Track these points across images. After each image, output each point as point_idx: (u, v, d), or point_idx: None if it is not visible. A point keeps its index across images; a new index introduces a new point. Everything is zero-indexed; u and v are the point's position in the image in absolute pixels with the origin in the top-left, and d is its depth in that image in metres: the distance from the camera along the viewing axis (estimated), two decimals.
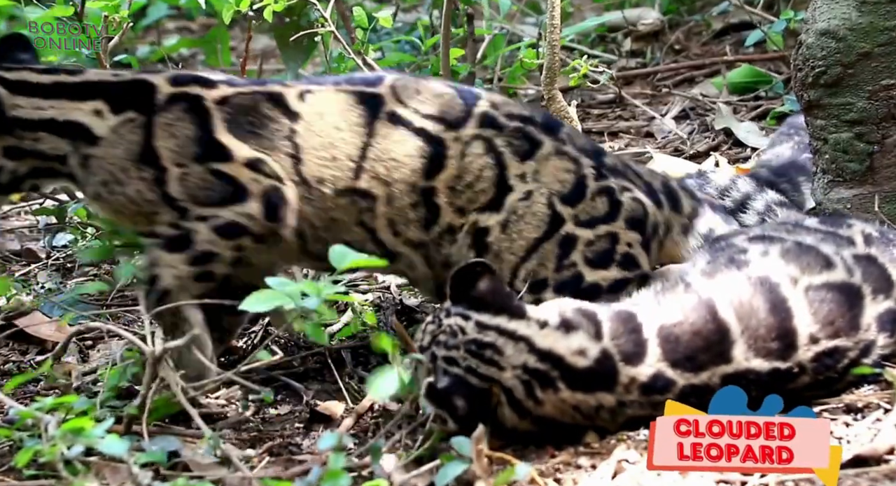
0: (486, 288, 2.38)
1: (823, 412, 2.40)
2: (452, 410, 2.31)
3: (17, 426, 2.43)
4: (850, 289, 2.44)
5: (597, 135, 4.33)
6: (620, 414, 2.34)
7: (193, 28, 6.81)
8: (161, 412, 2.53)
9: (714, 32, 5.04)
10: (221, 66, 5.72)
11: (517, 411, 2.33)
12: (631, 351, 2.34)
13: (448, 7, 3.22)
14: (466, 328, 2.35)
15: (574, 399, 2.33)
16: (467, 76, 4.48)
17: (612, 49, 5.09)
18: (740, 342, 2.34)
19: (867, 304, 2.44)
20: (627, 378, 2.33)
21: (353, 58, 3.38)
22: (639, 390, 2.32)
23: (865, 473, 2.14)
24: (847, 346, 2.40)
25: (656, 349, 2.33)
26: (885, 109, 3.02)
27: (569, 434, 2.34)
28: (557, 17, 3.20)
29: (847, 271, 2.47)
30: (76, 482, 2.20)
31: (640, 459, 2.25)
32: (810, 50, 3.08)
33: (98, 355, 3.11)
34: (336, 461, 2.08)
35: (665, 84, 4.68)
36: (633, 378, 2.33)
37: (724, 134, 4.07)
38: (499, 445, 2.33)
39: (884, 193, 3.06)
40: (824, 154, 3.12)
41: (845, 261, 2.50)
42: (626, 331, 2.35)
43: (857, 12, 3.01)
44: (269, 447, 2.50)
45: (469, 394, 2.32)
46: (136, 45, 6.18)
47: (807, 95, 3.11)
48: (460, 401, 2.31)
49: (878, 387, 2.48)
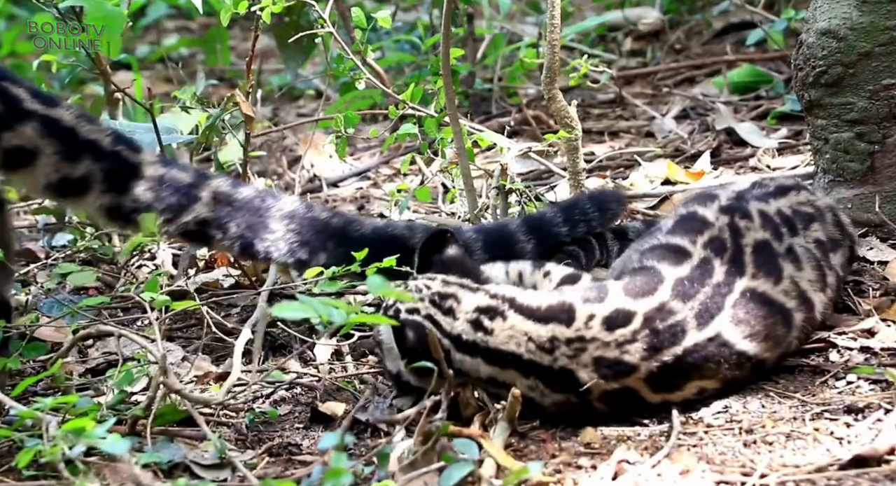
0: (452, 254, 2.48)
1: (824, 412, 2.40)
2: (402, 340, 2.41)
3: (17, 426, 2.42)
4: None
5: (597, 135, 4.33)
6: (583, 352, 2.35)
7: (193, 28, 6.80)
8: (167, 418, 2.52)
9: (715, 32, 5.04)
10: (221, 66, 5.72)
11: (468, 351, 2.39)
12: (593, 296, 2.42)
13: (448, 6, 3.21)
14: (432, 286, 2.46)
15: (525, 327, 2.37)
16: (467, 76, 4.48)
17: (613, 49, 5.09)
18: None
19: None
20: (586, 315, 2.37)
21: (352, 58, 3.37)
22: (600, 324, 2.36)
23: (866, 474, 2.14)
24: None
25: (618, 289, 2.42)
26: (886, 108, 3.02)
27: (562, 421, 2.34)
28: (557, 17, 3.19)
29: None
30: (77, 482, 2.20)
31: (641, 459, 2.25)
32: (811, 49, 3.07)
33: (97, 354, 3.10)
34: (338, 461, 2.07)
35: (665, 84, 4.68)
36: (592, 314, 2.37)
37: (725, 134, 4.07)
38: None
39: (885, 193, 3.06)
40: (825, 154, 3.12)
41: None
42: (593, 287, 2.51)
43: (857, 12, 3.00)
44: (268, 448, 2.50)
45: (421, 331, 2.40)
46: (135, 44, 6.18)
47: (807, 95, 3.11)
48: (411, 333, 2.41)
49: (878, 387, 2.48)
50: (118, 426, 2.46)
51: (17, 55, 5.85)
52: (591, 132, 4.31)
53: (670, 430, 2.36)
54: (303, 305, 2.08)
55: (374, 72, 3.61)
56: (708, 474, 2.18)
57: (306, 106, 5.16)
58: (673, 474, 2.18)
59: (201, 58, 6.02)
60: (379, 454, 2.23)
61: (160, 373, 2.46)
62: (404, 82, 4.05)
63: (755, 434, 2.34)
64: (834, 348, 2.65)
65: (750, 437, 2.33)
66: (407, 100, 3.38)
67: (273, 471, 2.39)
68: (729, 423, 2.40)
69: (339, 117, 3.44)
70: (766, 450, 2.28)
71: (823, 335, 2.70)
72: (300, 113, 5.05)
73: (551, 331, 2.38)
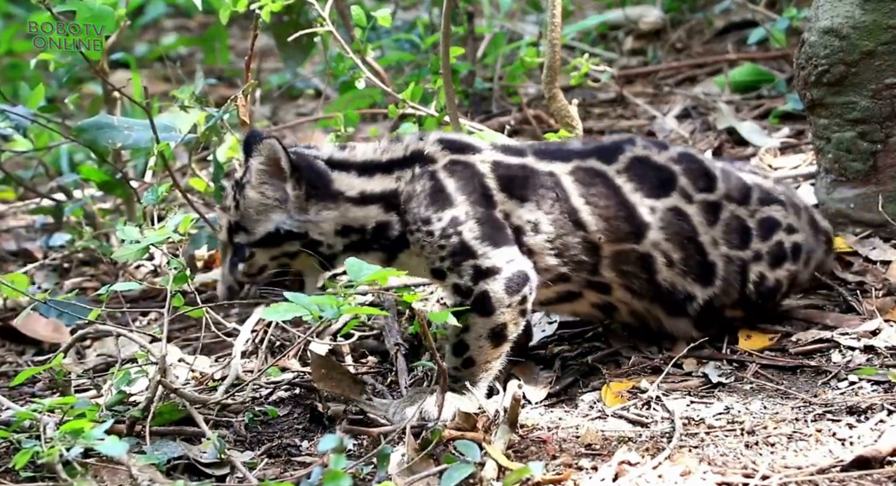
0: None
1: (827, 413, 2.39)
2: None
3: (15, 428, 2.41)
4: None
5: (598, 134, 4.31)
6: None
7: (191, 26, 6.79)
8: (166, 417, 2.51)
9: (716, 31, 5.02)
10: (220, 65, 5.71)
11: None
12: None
13: (448, 5, 3.19)
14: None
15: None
16: (467, 75, 4.46)
17: (614, 47, 5.07)
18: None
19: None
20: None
21: (351, 57, 3.36)
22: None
23: (868, 475, 2.13)
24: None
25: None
26: (889, 107, 3.01)
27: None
28: (558, 16, 3.18)
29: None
30: (75, 483, 2.19)
31: (642, 460, 2.24)
32: (813, 48, 3.06)
33: (95, 354, 3.09)
34: (337, 462, 2.06)
35: (667, 83, 4.67)
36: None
37: (727, 133, 4.06)
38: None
39: (887, 193, 3.04)
40: (827, 153, 3.11)
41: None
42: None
43: (860, 10, 2.99)
44: (268, 449, 2.49)
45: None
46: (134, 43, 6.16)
47: (810, 94, 3.09)
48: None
49: (881, 388, 2.47)
50: (117, 425, 2.45)
51: (15, 54, 5.84)
52: (592, 131, 4.29)
53: (672, 431, 2.36)
54: (292, 304, 2.07)
55: (373, 71, 3.60)
56: (709, 475, 2.17)
57: (305, 105, 5.15)
58: (674, 475, 2.17)
59: (200, 57, 6.01)
60: (379, 455, 2.21)
61: (158, 373, 2.45)
62: (404, 81, 4.03)
63: (757, 435, 2.33)
64: (836, 348, 2.64)
65: (752, 438, 2.32)
66: (407, 99, 3.37)
67: (272, 472, 2.38)
68: (731, 424, 2.39)
69: (339, 116, 3.44)
70: (768, 451, 2.27)
71: (826, 336, 2.69)
72: (299, 112, 5.04)
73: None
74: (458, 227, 2.54)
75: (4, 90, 3.54)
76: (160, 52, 5.64)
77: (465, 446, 2.21)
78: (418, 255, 2.58)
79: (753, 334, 2.74)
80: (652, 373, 2.64)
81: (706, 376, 2.60)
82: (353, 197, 2.59)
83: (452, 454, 2.24)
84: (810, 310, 2.82)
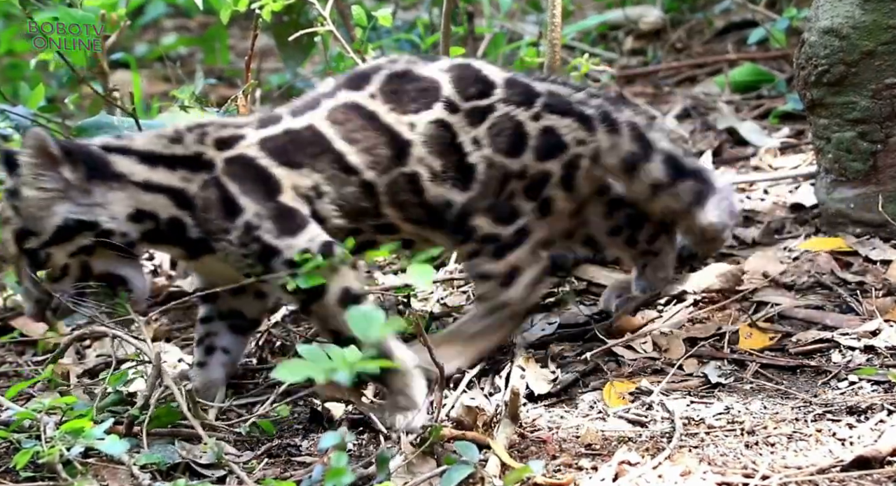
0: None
1: (827, 413, 2.39)
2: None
3: (15, 428, 2.41)
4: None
5: None
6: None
7: (191, 26, 6.78)
8: (164, 419, 2.51)
9: (716, 30, 5.02)
10: (220, 65, 5.71)
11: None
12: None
13: (448, 5, 3.20)
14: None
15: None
16: None
17: (614, 47, 5.07)
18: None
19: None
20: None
21: (352, 57, 3.36)
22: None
23: (869, 475, 2.13)
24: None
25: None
26: (889, 107, 3.01)
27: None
28: (558, 16, 3.18)
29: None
30: (75, 483, 2.19)
31: (642, 460, 2.24)
32: (813, 48, 3.06)
33: (94, 355, 3.09)
34: (339, 460, 2.05)
35: (666, 83, 4.67)
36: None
37: (727, 133, 4.06)
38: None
39: (887, 193, 3.04)
40: (827, 153, 3.11)
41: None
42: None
43: (860, 10, 2.99)
44: (267, 449, 2.49)
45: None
46: (134, 43, 6.16)
47: (810, 94, 3.09)
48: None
49: (881, 388, 2.47)
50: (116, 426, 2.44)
51: (15, 54, 5.83)
52: None
53: (672, 431, 2.36)
54: (305, 363, 1.98)
55: None
56: (709, 475, 2.17)
57: None
58: (674, 475, 2.17)
59: (200, 57, 6.00)
60: (378, 457, 2.21)
61: (155, 373, 2.44)
62: None
63: (757, 435, 2.33)
64: (836, 348, 2.64)
65: (752, 438, 2.32)
66: None
67: (272, 472, 2.38)
68: (731, 424, 2.39)
69: None
70: (768, 451, 2.27)
71: (826, 336, 2.69)
72: None
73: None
74: (254, 232, 2.45)
75: (4, 90, 3.53)
76: (160, 52, 5.64)
77: (464, 447, 2.21)
78: (224, 261, 2.51)
79: (754, 333, 2.74)
80: (652, 374, 2.64)
81: (706, 376, 2.60)
82: (138, 182, 2.49)
83: (452, 455, 2.24)
84: (810, 310, 2.82)
